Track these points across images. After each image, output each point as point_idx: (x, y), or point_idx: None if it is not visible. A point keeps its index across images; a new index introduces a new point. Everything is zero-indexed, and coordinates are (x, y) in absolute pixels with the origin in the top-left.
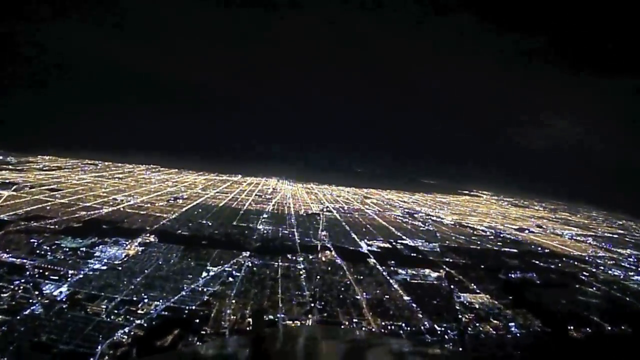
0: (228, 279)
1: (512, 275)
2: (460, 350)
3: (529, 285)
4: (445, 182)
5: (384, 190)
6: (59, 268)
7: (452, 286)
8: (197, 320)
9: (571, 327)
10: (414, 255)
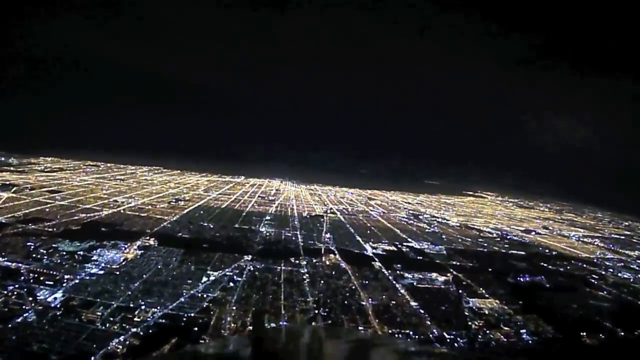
0: (229, 284)
1: (521, 278)
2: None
3: (539, 289)
4: (448, 183)
5: (388, 191)
6: (55, 273)
7: (460, 291)
8: (196, 328)
9: (584, 334)
10: (420, 258)
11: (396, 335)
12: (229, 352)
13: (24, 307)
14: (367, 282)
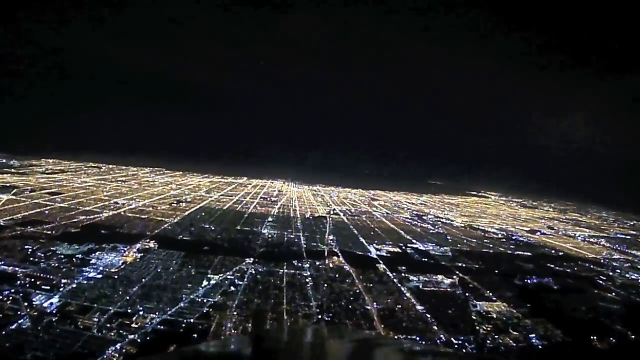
0: (230, 289)
1: (529, 280)
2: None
3: (546, 291)
4: (452, 183)
5: (391, 191)
6: (52, 277)
7: (467, 294)
8: (196, 335)
9: (594, 337)
10: (426, 260)
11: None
12: (230, 352)
13: (19, 313)
14: (372, 286)
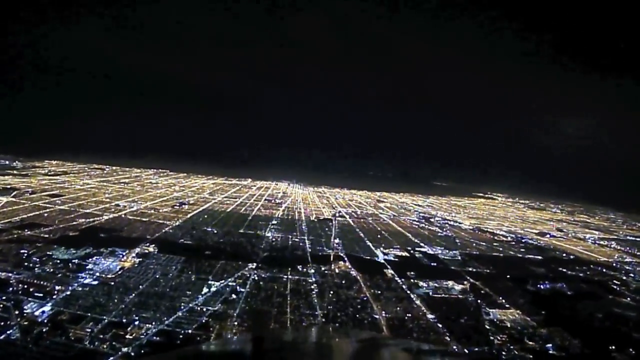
0: (231, 296)
1: (541, 286)
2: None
3: (560, 297)
4: (457, 184)
5: (397, 193)
6: (46, 283)
7: (479, 300)
8: None
9: (613, 347)
10: (434, 264)
11: None
12: (230, 352)
13: (9, 323)
14: (380, 292)
